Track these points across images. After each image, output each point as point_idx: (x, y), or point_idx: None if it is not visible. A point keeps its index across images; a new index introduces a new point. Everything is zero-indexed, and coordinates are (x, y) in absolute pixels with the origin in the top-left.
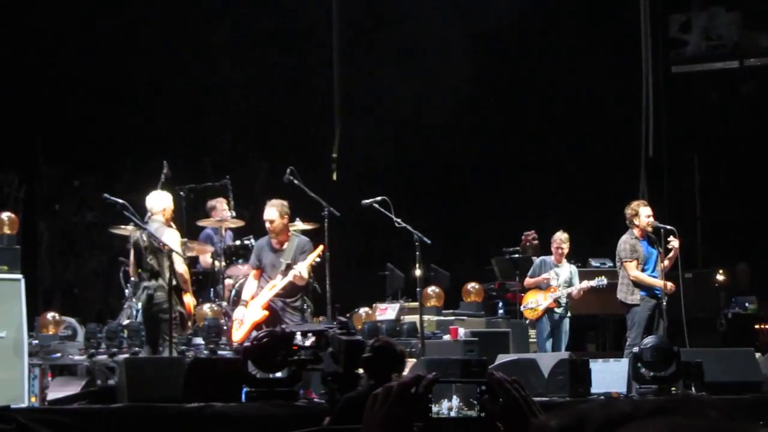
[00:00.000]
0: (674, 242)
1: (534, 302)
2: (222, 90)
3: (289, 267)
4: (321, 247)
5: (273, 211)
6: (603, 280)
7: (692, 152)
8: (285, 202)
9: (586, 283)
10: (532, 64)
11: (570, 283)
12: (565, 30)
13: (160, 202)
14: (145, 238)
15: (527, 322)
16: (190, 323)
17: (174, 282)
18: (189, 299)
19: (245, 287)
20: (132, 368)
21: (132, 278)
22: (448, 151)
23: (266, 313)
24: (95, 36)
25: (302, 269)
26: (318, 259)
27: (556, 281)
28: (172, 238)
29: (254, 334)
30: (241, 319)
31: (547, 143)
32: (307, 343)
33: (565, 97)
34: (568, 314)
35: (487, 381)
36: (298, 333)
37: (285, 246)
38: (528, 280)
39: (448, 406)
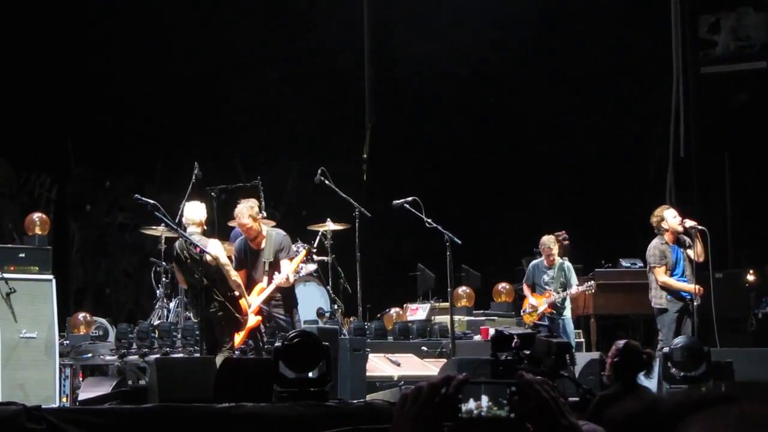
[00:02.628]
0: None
1: (530, 307)
2: (253, 90)
3: (270, 265)
4: (305, 251)
5: (245, 217)
6: (592, 286)
7: (722, 153)
8: (252, 203)
9: (575, 290)
10: (561, 65)
11: (566, 284)
12: (596, 30)
13: (197, 213)
14: (186, 255)
15: (527, 327)
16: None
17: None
18: (245, 303)
19: None
20: (163, 368)
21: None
22: (478, 152)
23: (260, 318)
24: (126, 39)
25: (288, 274)
26: (303, 264)
27: (550, 285)
28: (216, 248)
29: (291, 333)
30: None
31: (577, 144)
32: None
33: (595, 97)
34: (566, 315)
35: (518, 382)
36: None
37: (263, 245)
38: (524, 287)
39: (477, 405)
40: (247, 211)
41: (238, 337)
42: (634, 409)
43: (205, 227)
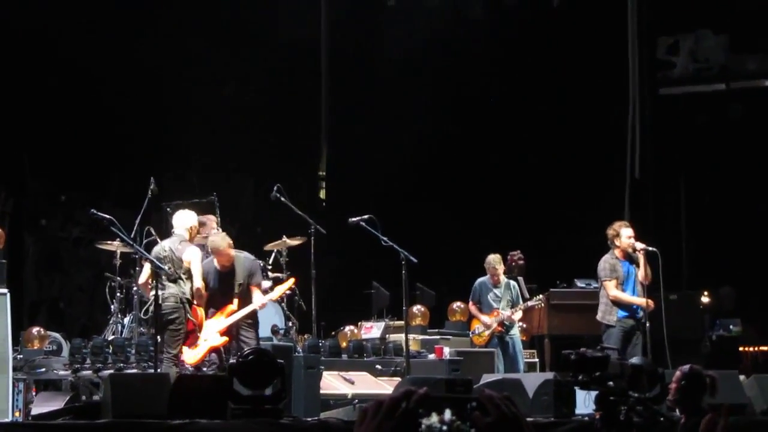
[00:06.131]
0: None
1: (480, 328)
2: (209, 106)
3: (239, 287)
4: (293, 280)
5: (224, 247)
6: (541, 299)
7: (678, 174)
8: (219, 234)
9: (520, 307)
10: (517, 85)
11: (513, 302)
12: (553, 50)
13: (186, 219)
14: (167, 249)
15: (476, 348)
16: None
17: (188, 295)
18: (201, 314)
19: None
20: (117, 384)
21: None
22: (435, 171)
23: (226, 339)
24: (83, 52)
25: (272, 299)
26: (288, 292)
27: (497, 303)
28: (194, 254)
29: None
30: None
31: (532, 164)
32: None
33: (551, 117)
34: (514, 334)
35: (478, 397)
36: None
37: (232, 266)
38: (471, 306)
39: (440, 419)
40: (224, 242)
41: (193, 354)
42: None
43: (194, 234)
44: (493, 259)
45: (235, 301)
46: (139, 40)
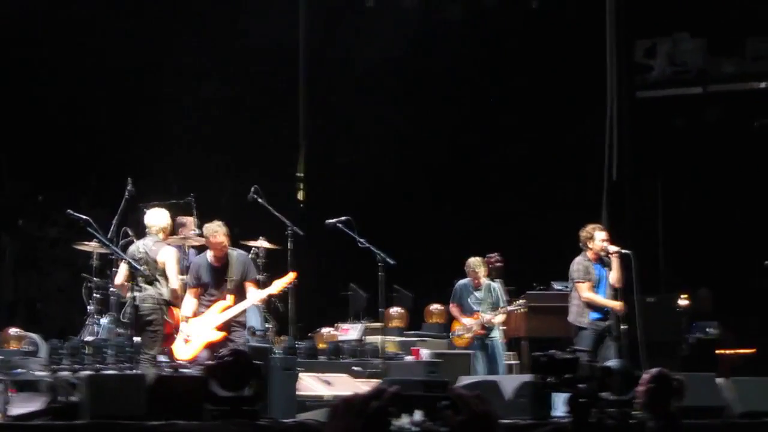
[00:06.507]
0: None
1: (461, 329)
2: (187, 107)
3: (234, 284)
4: (293, 275)
5: (220, 235)
6: (521, 304)
7: (656, 177)
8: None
9: (502, 311)
10: (494, 86)
11: (494, 305)
12: (531, 51)
13: (159, 219)
14: (142, 250)
15: (454, 350)
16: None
17: (166, 297)
18: (177, 315)
19: (184, 304)
20: (94, 385)
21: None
22: (412, 172)
23: (223, 334)
24: (60, 53)
25: (271, 293)
26: (289, 286)
27: (478, 306)
28: (169, 254)
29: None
30: (186, 336)
31: (510, 165)
32: None
33: (528, 119)
34: (495, 336)
35: (449, 395)
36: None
37: (226, 261)
38: (452, 308)
39: (410, 421)
40: (221, 229)
41: (187, 350)
42: None
43: (168, 233)
44: (474, 262)
45: (229, 297)
46: (117, 40)
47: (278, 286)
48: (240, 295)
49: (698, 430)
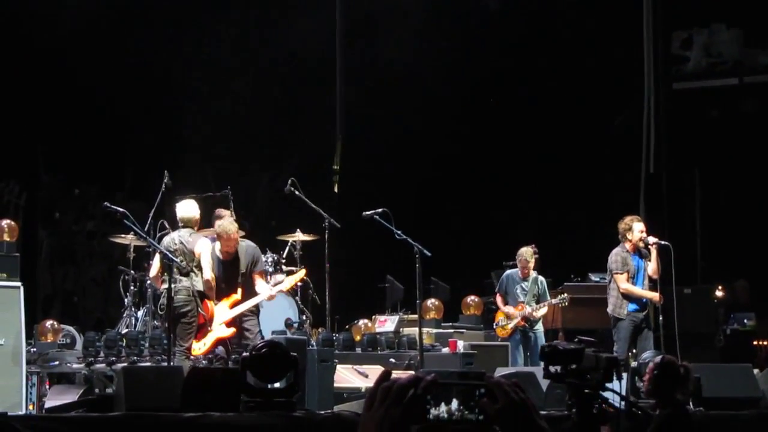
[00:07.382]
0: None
1: (504, 320)
2: (225, 100)
3: (243, 277)
4: (304, 270)
5: (234, 233)
6: (565, 298)
7: (693, 168)
8: (226, 216)
9: (545, 304)
10: (534, 81)
11: (539, 297)
12: (569, 46)
13: (192, 210)
14: (177, 242)
15: (500, 340)
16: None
17: (199, 288)
18: (211, 307)
19: None
20: (130, 377)
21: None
22: (449, 165)
23: (233, 330)
24: (97, 48)
25: (282, 290)
26: (300, 283)
27: (523, 297)
28: (204, 246)
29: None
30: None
31: (548, 159)
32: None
33: (567, 113)
34: (538, 329)
35: (486, 383)
36: None
37: (236, 254)
38: (497, 297)
39: (447, 409)
40: (234, 227)
41: (202, 346)
42: None
43: (197, 224)
44: (526, 252)
45: (239, 290)
46: (155, 36)
47: (289, 282)
48: (250, 287)
49: (735, 420)
